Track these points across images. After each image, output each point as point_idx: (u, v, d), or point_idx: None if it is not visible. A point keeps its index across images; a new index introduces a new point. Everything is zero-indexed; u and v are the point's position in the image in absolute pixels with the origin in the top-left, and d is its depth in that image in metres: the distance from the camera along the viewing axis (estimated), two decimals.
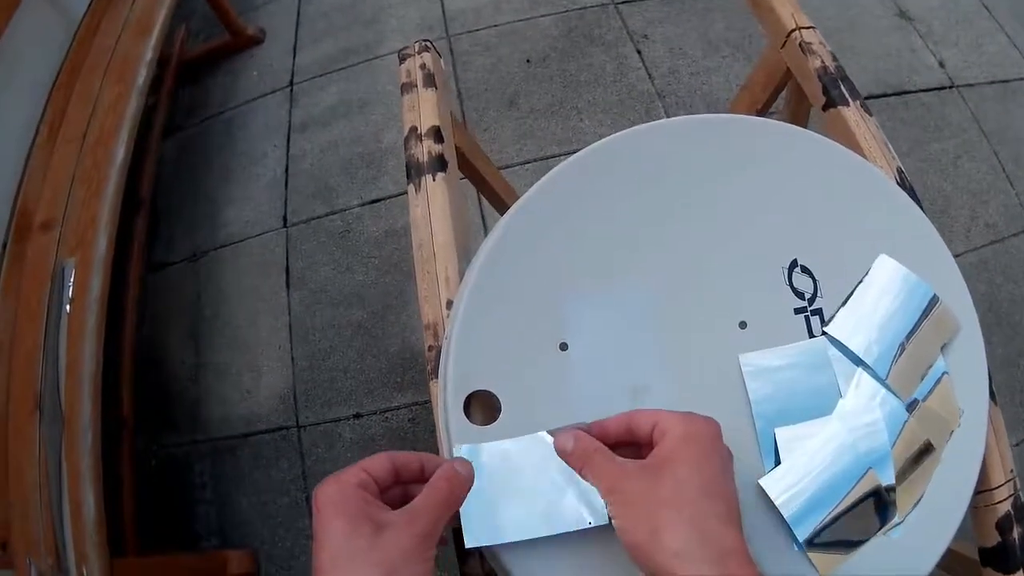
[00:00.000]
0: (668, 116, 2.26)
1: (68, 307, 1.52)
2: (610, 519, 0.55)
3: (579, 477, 0.58)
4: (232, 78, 2.72)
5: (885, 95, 2.24)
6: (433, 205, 0.81)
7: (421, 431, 1.91)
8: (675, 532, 0.48)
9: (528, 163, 2.26)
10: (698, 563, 0.47)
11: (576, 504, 0.58)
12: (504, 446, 0.62)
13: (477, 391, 0.64)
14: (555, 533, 0.58)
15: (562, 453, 0.59)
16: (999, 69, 2.31)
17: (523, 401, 0.63)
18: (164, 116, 2.54)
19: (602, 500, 0.56)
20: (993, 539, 0.71)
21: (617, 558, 0.55)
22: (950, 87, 2.28)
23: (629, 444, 0.58)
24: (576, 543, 0.59)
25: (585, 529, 0.58)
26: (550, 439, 0.60)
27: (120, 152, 1.74)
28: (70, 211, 1.67)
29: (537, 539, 0.59)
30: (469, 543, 0.59)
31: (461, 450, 0.61)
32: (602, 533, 0.57)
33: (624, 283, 0.68)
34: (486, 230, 2.12)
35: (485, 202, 1.96)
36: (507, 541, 0.59)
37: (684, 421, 0.54)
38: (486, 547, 0.60)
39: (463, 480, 0.59)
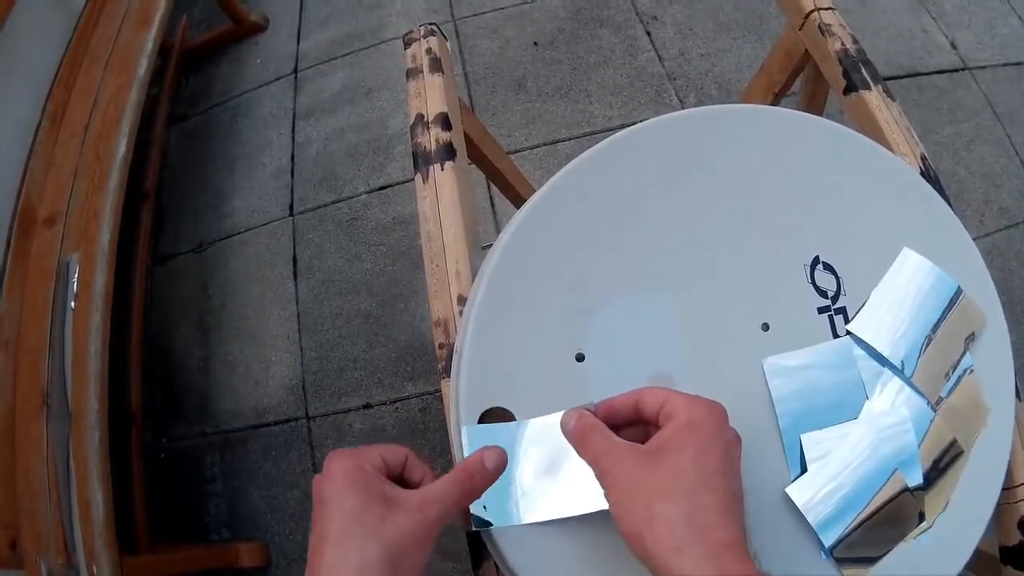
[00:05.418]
0: (679, 98, 2.24)
1: (73, 303, 1.51)
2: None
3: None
4: (236, 66, 2.70)
5: (897, 77, 2.21)
6: (442, 196, 0.78)
7: (432, 420, 1.90)
8: (671, 525, 0.47)
9: (537, 147, 2.23)
10: (695, 558, 0.45)
11: (587, 487, 0.56)
12: (516, 429, 0.61)
13: (491, 408, 0.62)
14: (565, 516, 0.58)
15: (564, 431, 0.58)
16: (1012, 51, 2.27)
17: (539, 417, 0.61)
18: (167, 106, 2.53)
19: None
20: (1015, 538, 0.70)
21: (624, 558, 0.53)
22: (963, 69, 2.24)
23: (637, 424, 0.57)
24: (582, 545, 0.58)
25: (591, 529, 0.57)
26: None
27: (122, 145, 1.73)
28: (73, 205, 1.66)
29: (544, 542, 0.58)
30: (477, 525, 0.58)
31: (471, 431, 0.61)
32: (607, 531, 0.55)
33: (641, 288, 0.66)
34: (495, 215, 2.11)
35: (494, 186, 1.94)
36: (516, 523, 0.58)
37: (688, 407, 0.52)
38: (493, 545, 0.60)
39: (487, 475, 0.58)
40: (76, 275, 1.54)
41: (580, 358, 0.63)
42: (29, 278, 1.59)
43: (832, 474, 0.62)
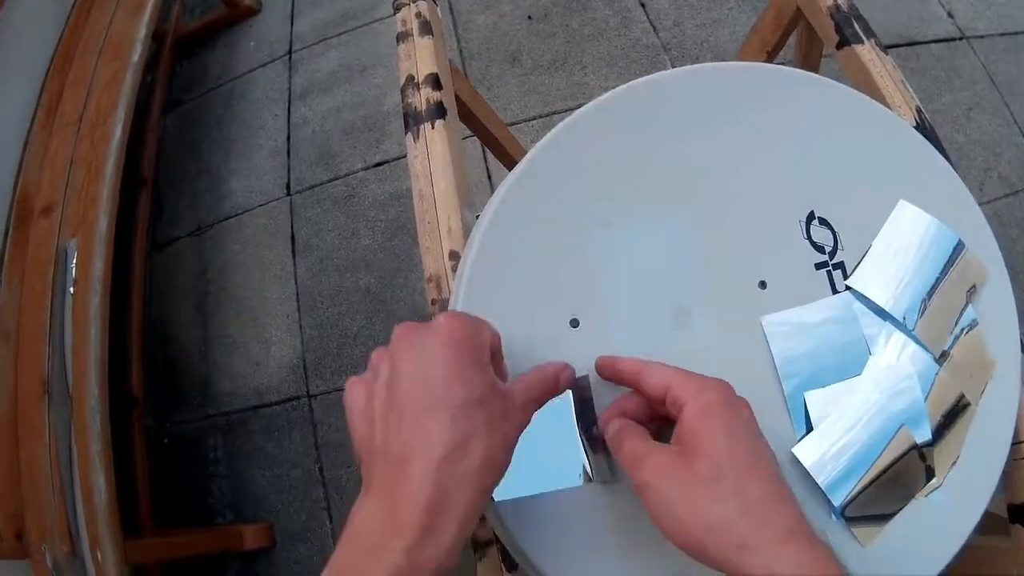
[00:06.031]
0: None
1: (72, 289, 1.50)
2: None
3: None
4: (230, 50, 2.68)
5: (895, 46, 2.19)
6: (433, 153, 0.78)
7: None
8: (731, 525, 0.44)
9: (533, 119, 2.22)
10: (765, 556, 0.43)
11: (599, 458, 0.57)
12: None
13: None
14: (578, 485, 0.57)
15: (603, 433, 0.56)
16: (1008, 21, 2.25)
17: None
18: (163, 92, 2.52)
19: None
20: None
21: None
22: (960, 38, 2.22)
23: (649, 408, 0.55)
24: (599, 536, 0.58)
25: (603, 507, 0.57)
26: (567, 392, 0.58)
27: (117, 131, 1.72)
28: (70, 193, 1.65)
29: (564, 542, 0.58)
30: (496, 496, 0.57)
31: None
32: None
33: (635, 251, 0.64)
34: (492, 186, 2.10)
35: (491, 157, 1.93)
36: (532, 494, 0.57)
37: (698, 392, 0.49)
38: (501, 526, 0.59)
39: (569, 376, 0.56)
40: (74, 261, 1.53)
41: (575, 324, 0.62)
42: (28, 267, 1.59)
43: (839, 432, 0.61)
